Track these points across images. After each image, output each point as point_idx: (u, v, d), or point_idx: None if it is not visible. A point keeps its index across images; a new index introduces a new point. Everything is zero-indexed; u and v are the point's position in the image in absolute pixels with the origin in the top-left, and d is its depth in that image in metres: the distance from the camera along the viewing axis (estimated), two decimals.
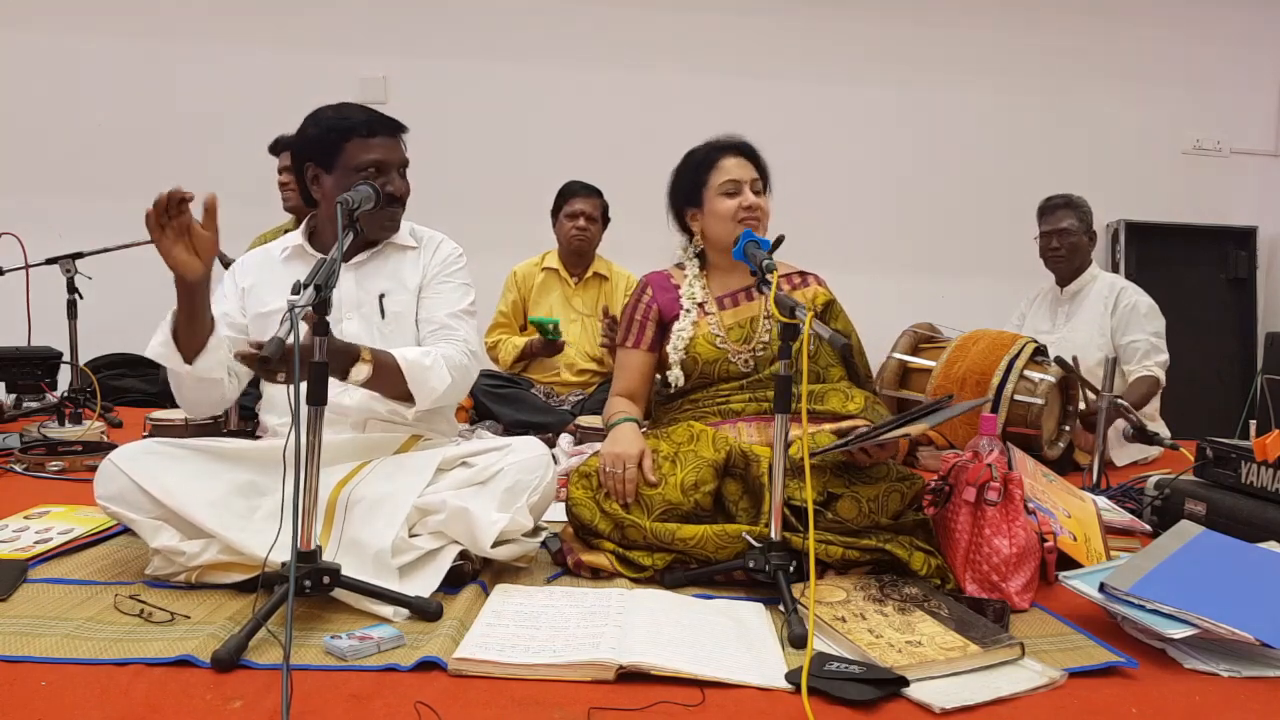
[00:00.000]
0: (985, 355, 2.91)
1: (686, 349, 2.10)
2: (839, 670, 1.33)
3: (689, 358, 2.10)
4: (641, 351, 2.19)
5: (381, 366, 1.71)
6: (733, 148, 2.14)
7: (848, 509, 1.78)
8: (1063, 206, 3.43)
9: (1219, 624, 1.42)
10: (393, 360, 1.74)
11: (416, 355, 1.79)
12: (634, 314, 2.21)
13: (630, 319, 2.21)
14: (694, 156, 2.18)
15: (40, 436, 2.87)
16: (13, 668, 1.30)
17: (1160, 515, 2.27)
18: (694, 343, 2.10)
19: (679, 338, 2.11)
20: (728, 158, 2.13)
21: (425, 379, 1.78)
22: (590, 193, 3.61)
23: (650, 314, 2.18)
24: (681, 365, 2.11)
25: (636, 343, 2.19)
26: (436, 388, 1.80)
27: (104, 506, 1.67)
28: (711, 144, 2.17)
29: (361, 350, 1.68)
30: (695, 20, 4.77)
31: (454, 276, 2.01)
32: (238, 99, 4.55)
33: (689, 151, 2.20)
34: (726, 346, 2.10)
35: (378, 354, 1.71)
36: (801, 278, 2.26)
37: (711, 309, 2.15)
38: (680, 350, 2.10)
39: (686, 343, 2.10)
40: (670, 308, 2.17)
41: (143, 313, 3.85)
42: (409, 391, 1.77)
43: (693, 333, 2.11)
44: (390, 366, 1.74)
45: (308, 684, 1.27)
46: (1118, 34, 4.97)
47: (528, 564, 1.83)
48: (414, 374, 1.76)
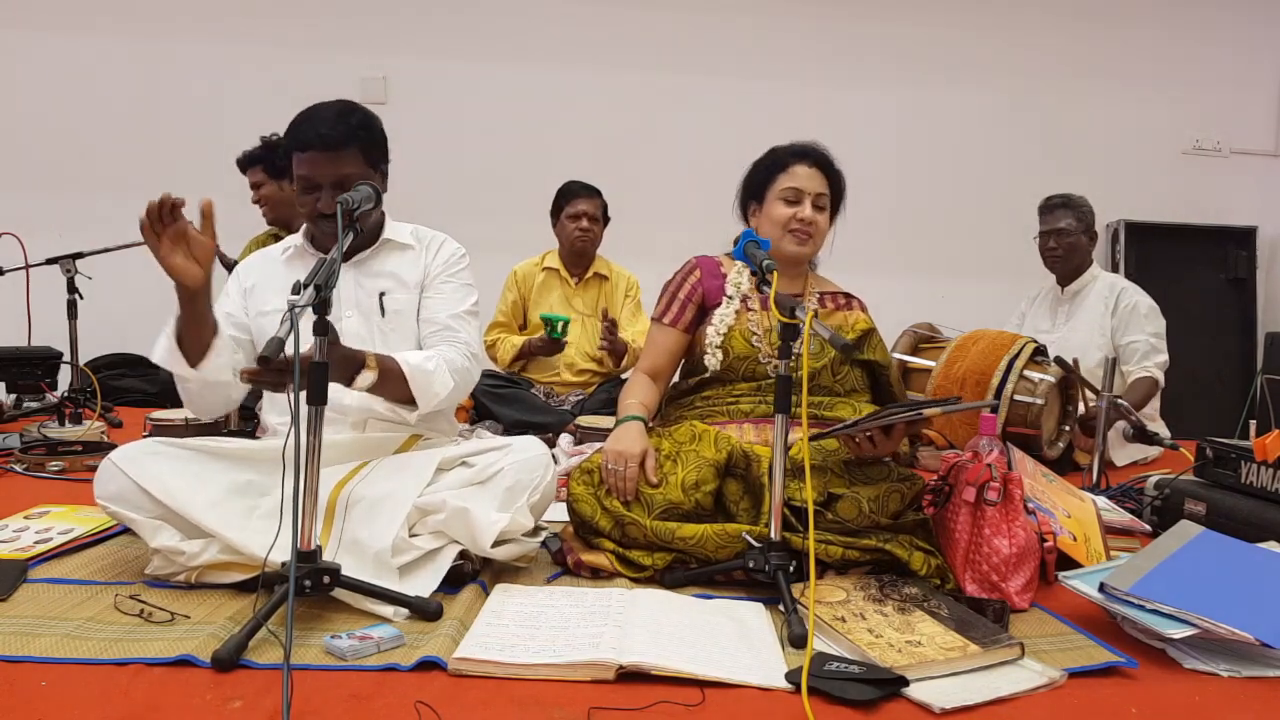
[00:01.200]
0: (985, 355, 2.91)
1: (724, 338, 2.07)
2: (839, 670, 1.33)
3: (723, 347, 2.07)
4: (677, 331, 2.15)
5: (386, 373, 1.71)
6: (808, 157, 2.12)
7: (848, 509, 1.78)
8: (1060, 206, 3.43)
9: (1219, 624, 1.42)
10: (397, 366, 1.74)
11: (420, 360, 1.79)
12: (677, 291, 2.17)
13: (673, 296, 2.17)
14: (773, 154, 2.16)
15: (40, 436, 2.87)
16: (13, 668, 1.30)
17: (1160, 515, 2.27)
18: (731, 335, 2.07)
19: (721, 322, 2.08)
20: (800, 165, 2.10)
21: (429, 384, 1.79)
22: (591, 193, 3.61)
23: (694, 295, 2.15)
24: (721, 350, 2.07)
25: (675, 321, 2.15)
26: (439, 392, 1.81)
27: (104, 506, 1.67)
28: (793, 147, 2.15)
29: (367, 357, 1.68)
30: (696, 21, 4.77)
31: (456, 277, 2.01)
32: (238, 99, 4.55)
33: (774, 146, 2.18)
34: (760, 347, 2.07)
35: (383, 360, 1.71)
36: (846, 299, 2.24)
37: (755, 306, 2.12)
38: (719, 336, 2.07)
39: (726, 331, 2.07)
40: (714, 294, 2.14)
41: (143, 313, 3.88)
42: (412, 396, 1.78)
43: (733, 323, 2.09)
44: (394, 372, 1.74)
45: (308, 684, 1.27)
46: (1118, 34, 4.97)
47: (528, 564, 1.83)
48: (417, 379, 1.77)
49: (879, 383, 2.14)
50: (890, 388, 2.14)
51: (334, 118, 1.83)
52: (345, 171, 1.81)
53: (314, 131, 1.81)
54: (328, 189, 1.82)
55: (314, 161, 1.81)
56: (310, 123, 1.83)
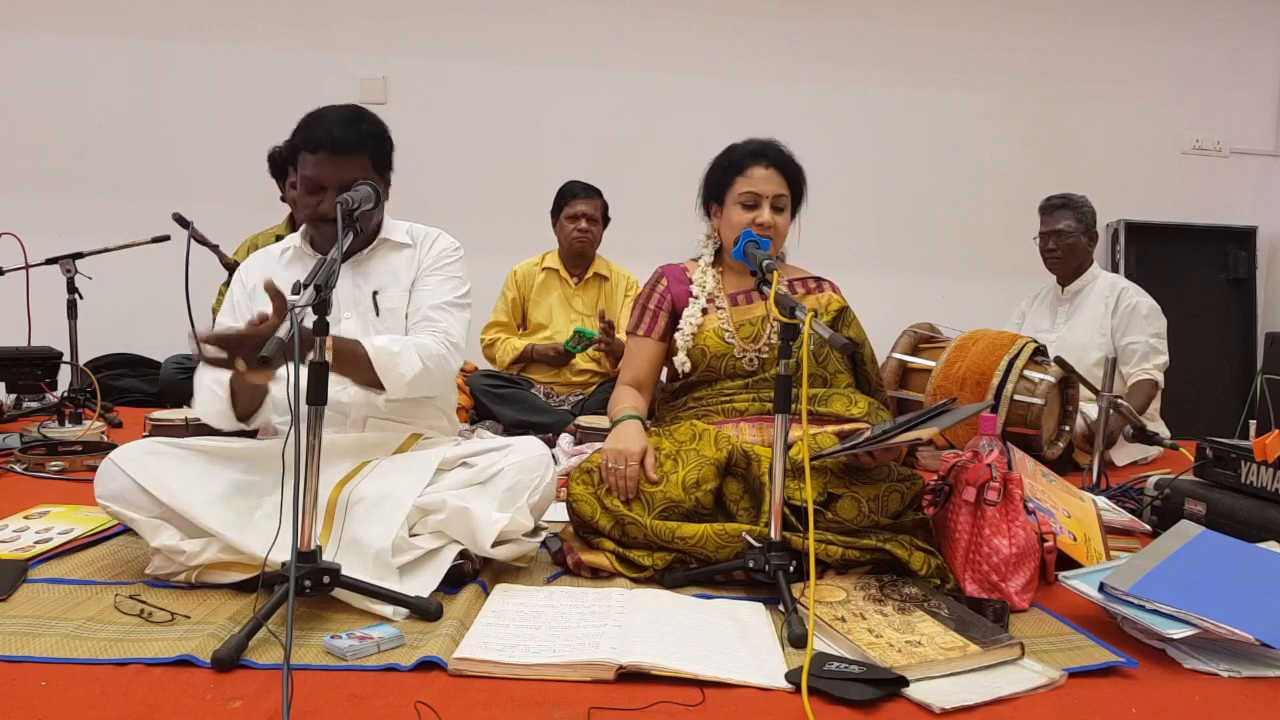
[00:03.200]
0: (985, 355, 2.91)
1: (695, 338, 2.10)
2: (839, 670, 1.33)
3: (696, 348, 2.10)
4: (652, 341, 2.18)
5: (341, 353, 1.66)
6: (766, 157, 2.10)
7: (848, 509, 1.78)
8: (1060, 207, 3.43)
9: (1219, 624, 1.42)
10: (357, 346, 1.72)
11: (384, 342, 1.77)
12: (647, 303, 2.20)
13: (644, 308, 2.20)
14: (729, 155, 2.15)
15: (40, 436, 2.87)
16: (13, 668, 1.30)
17: (1160, 515, 2.27)
18: (703, 335, 2.10)
19: (688, 324, 2.11)
20: (758, 167, 2.09)
21: (393, 365, 1.75)
22: (591, 193, 3.61)
23: (664, 304, 2.18)
24: (688, 353, 2.10)
25: (648, 331, 2.18)
26: (405, 374, 1.76)
27: (104, 506, 1.67)
28: (749, 147, 2.13)
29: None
30: (696, 21, 4.77)
31: (445, 269, 2.00)
32: (238, 99, 4.55)
33: (730, 146, 2.17)
34: (734, 343, 2.10)
35: (338, 340, 1.67)
36: (817, 283, 2.25)
37: (723, 304, 2.15)
38: (689, 338, 2.10)
39: (695, 331, 2.10)
40: (683, 299, 2.17)
41: (143, 313, 3.88)
42: (378, 378, 1.75)
43: (701, 323, 2.11)
44: (351, 352, 1.71)
45: (308, 684, 1.27)
46: (1118, 34, 4.97)
47: (528, 564, 1.83)
48: (381, 360, 1.74)
49: (856, 362, 2.16)
50: (866, 365, 2.15)
51: (345, 122, 1.83)
52: (352, 176, 1.80)
53: (325, 133, 1.81)
54: (332, 191, 1.82)
55: (321, 163, 1.81)
56: (321, 124, 1.83)
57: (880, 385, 2.21)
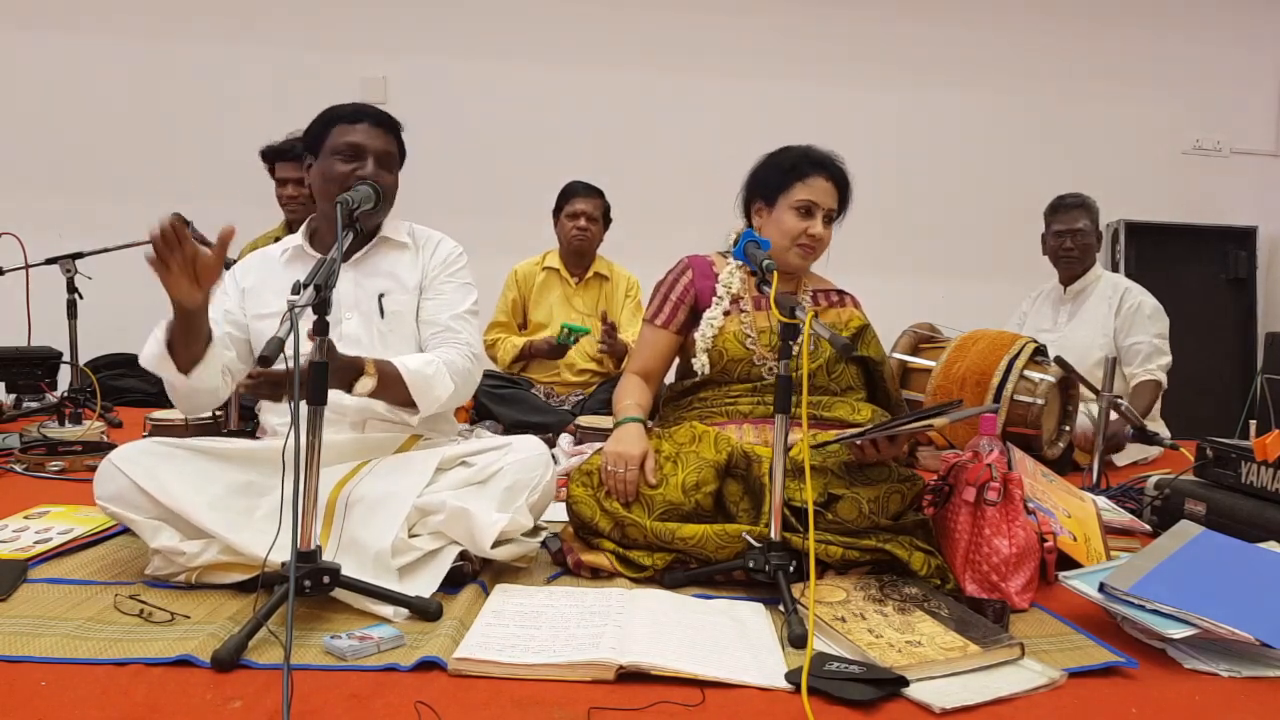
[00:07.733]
0: (985, 355, 2.91)
1: (714, 341, 2.04)
2: (839, 670, 1.33)
3: (715, 350, 2.04)
4: (669, 332, 2.12)
5: (385, 378, 1.71)
6: (828, 170, 2.06)
7: (848, 510, 1.78)
8: (1077, 206, 3.40)
9: (1219, 624, 1.42)
10: (396, 371, 1.75)
11: (419, 364, 1.79)
12: (669, 292, 2.13)
13: (665, 297, 2.13)
14: (788, 156, 2.09)
15: (40, 436, 2.87)
16: (13, 668, 1.30)
17: (1160, 515, 2.27)
18: (723, 337, 2.04)
19: (709, 326, 2.05)
20: (820, 178, 2.05)
21: (429, 388, 1.79)
22: (591, 193, 3.61)
23: (687, 297, 2.11)
24: (708, 355, 2.04)
25: (666, 322, 2.12)
26: (440, 396, 1.81)
27: (104, 507, 1.67)
28: (813, 156, 2.07)
29: (366, 364, 1.68)
30: (696, 21, 4.78)
31: (456, 276, 2.01)
32: (238, 99, 4.56)
33: (786, 147, 2.12)
34: (755, 349, 2.04)
35: (381, 365, 1.71)
36: (839, 296, 2.22)
37: (747, 307, 2.09)
38: (708, 339, 2.04)
39: (716, 333, 2.04)
40: (707, 295, 2.10)
41: (143, 313, 3.86)
42: (413, 399, 1.78)
43: (723, 325, 2.06)
44: (393, 377, 1.74)
45: (308, 684, 1.27)
46: (1118, 34, 4.97)
47: (528, 564, 1.83)
48: (417, 384, 1.77)
49: (874, 380, 2.13)
50: (885, 384, 2.12)
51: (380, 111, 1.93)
52: (388, 150, 1.90)
53: (365, 109, 1.91)
54: (372, 159, 1.87)
55: (366, 132, 1.88)
56: (357, 104, 1.92)
57: (900, 403, 2.16)
